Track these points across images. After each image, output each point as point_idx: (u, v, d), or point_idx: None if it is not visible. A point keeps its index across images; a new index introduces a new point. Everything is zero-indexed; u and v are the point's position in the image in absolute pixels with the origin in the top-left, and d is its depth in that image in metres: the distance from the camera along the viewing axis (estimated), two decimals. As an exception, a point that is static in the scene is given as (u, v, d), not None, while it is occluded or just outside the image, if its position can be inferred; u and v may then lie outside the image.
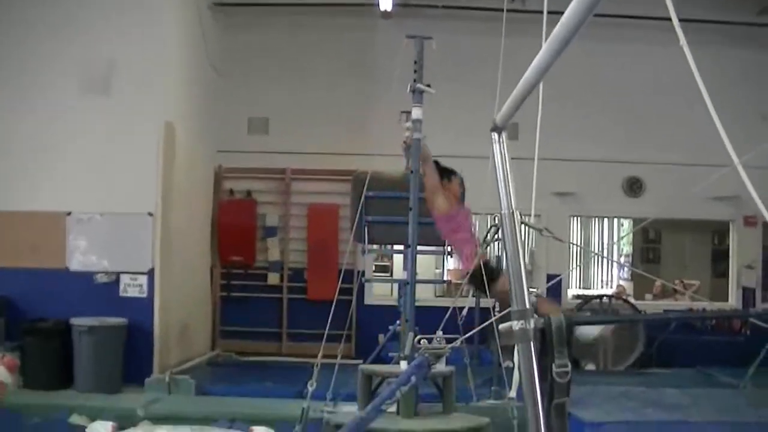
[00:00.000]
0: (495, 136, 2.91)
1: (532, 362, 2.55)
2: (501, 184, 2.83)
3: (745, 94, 12.71)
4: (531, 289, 2.68)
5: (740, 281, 13.61)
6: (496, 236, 6.30)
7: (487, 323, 5.32)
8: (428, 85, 6.78)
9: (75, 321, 9.52)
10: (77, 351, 9.49)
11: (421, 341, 4.23)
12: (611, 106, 13.29)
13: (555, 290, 12.76)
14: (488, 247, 5.20)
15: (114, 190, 10.06)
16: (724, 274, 14.43)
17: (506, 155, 2.84)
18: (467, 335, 5.24)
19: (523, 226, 2.86)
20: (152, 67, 10.24)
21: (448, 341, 4.35)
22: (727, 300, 13.87)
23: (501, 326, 2.65)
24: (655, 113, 13.21)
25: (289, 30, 13.30)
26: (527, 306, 2.62)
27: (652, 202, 13.15)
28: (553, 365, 2.44)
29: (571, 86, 11.62)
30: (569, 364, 2.45)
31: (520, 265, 2.77)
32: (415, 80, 6.78)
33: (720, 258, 15.38)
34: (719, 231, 15.45)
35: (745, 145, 2.30)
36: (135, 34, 10.20)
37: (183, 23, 11.22)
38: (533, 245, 13.36)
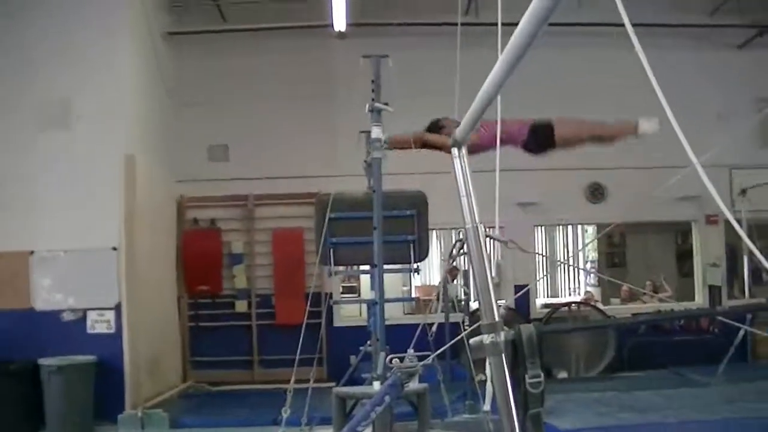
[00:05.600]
0: (455, 151, 2.92)
1: (505, 374, 2.56)
2: (463, 199, 2.84)
3: (700, 93, 12.77)
4: (499, 301, 2.69)
5: (706, 280, 13.72)
6: (461, 251, 6.31)
7: (457, 338, 5.30)
8: (386, 104, 6.69)
9: (43, 361, 9.40)
10: (47, 392, 9.36)
11: (393, 360, 4.20)
12: (569, 113, 13.34)
13: (523, 300, 12.80)
14: (454, 262, 5.19)
15: (77, 226, 10.00)
16: (690, 274, 14.53)
17: (467, 170, 2.85)
18: (439, 351, 5.24)
19: (488, 239, 2.87)
20: (110, 100, 10.24)
21: (420, 359, 4.32)
22: (693, 299, 13.94)
23: (472, 340, 2.65)
24: (614, 118, 13.28)
25: (244, 55, 13.18)
26: (497, 319, 2.62)
27: (615, 206, 13.19)
28: (526, 376, 2.44)
29: (528, 95, 11.64)
30: (542, 374, 2.45)
31: (487, 278, 2.77)
32: (373, 99, 6.69)
33: (685, 258, 15.50)
34: (682, 231, 15.61)
35: (703, 144, 2.31)
36: (91, 69, 10.21)
37: (137, 55, 11.15)
38: (500, 257, 13.37)
